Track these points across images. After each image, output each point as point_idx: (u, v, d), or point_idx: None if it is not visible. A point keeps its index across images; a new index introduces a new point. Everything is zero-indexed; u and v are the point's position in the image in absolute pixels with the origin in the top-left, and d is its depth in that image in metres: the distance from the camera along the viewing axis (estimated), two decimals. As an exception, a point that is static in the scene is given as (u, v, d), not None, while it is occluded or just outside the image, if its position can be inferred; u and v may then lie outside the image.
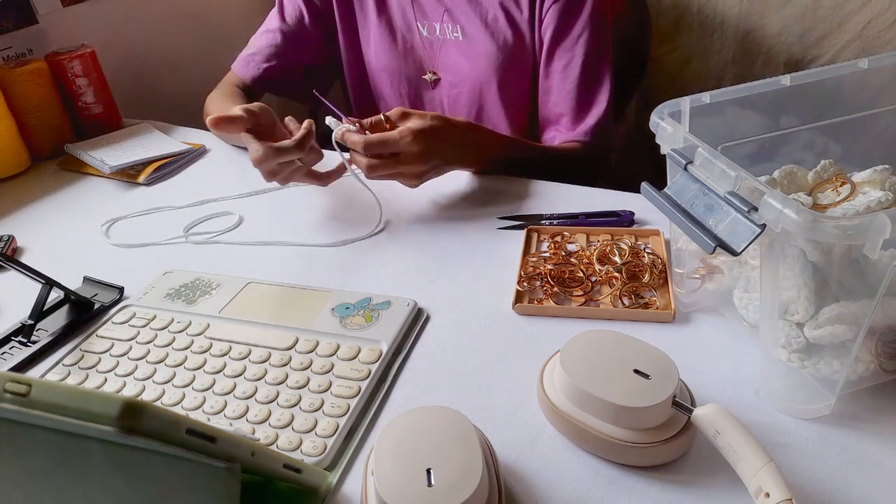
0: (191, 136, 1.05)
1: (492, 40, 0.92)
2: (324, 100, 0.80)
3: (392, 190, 0.86)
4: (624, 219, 0.74)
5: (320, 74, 1.06)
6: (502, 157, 0.85)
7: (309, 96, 0.78)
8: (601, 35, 0.90)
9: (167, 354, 0.59)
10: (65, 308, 0.65)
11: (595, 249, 0.69)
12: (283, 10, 1.01)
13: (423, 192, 0.84)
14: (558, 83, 0.92)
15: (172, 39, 1.34)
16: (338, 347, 0.58)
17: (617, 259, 0.67)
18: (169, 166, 0.96)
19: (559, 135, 0.94)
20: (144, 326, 0.63)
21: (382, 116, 0.75)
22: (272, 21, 1.02)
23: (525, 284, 0.65)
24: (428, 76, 0.97)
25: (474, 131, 0.81)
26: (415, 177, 0.77)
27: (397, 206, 0.82)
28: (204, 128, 1.07)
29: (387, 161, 0.74)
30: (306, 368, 0.56)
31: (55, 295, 0.65)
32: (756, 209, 0.44)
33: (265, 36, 1.01)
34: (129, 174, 0.93)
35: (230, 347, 0.59)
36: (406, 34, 0.97)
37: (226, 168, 0.96)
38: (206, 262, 0.72)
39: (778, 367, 0.50)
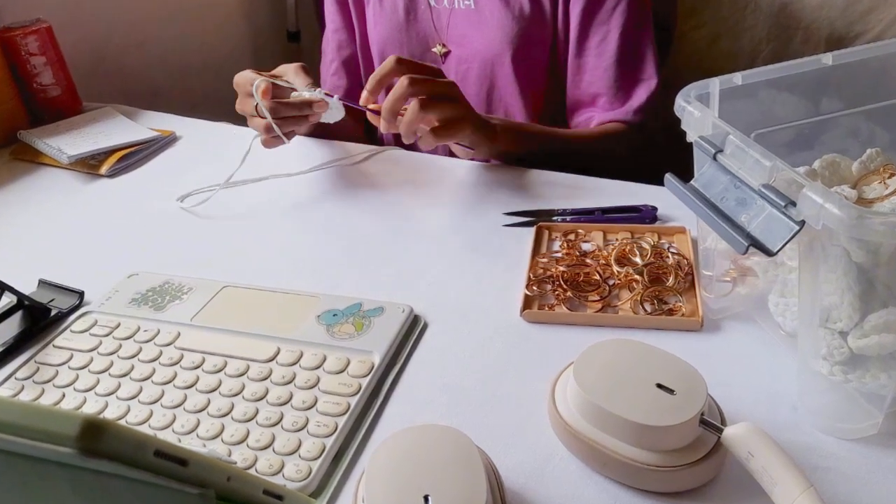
0: (159, 121, 1.05)
1: (506, 10, 0.92)
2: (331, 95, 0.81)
3: (383, 183, 0.86)
4: (645, 215, 0.74)
5: None
6: (524, 131, 0.86)
7: None
8: (640, 4, 0.90)
9: (133, 367, 0.59)
10: (17, 315, 0.65)
11: (613, 249, 0.69)
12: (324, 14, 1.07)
13: (421, 186, 0.84)
14: (593, 60, 0.92)
15: (138, 13, 1.34)
16: (324, 359, 0.58)
17: (637, 260, 0.67)
18: (134, 156, 0.95)
19: (596, 115, 0.94)
20: (107, 335, 0.63)
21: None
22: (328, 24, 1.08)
23: (534, 288, 0.65)
24: (437, 49, 0.98)
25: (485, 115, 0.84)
26: (459, 99, 0.77)
27: (391, 200, 0.82)
28: (175, 112, 1.07)
29: (433, 101, 0.74)
30: (289, 383, 0.56)
31: (6, 300, 0.65)
32: (794, 204, 0.44)
33: (331, 40, 1.08)
34: (89, 164, 0.93)
35: (203, 359, 0.59)
36: (409, 3, 0.97)
37: (199, 158, 0.96)
38: (176, 264, 0.72)
39: (818, 380, 0.50)
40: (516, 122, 0.88)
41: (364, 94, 0.77)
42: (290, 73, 0.82)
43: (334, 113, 0.80)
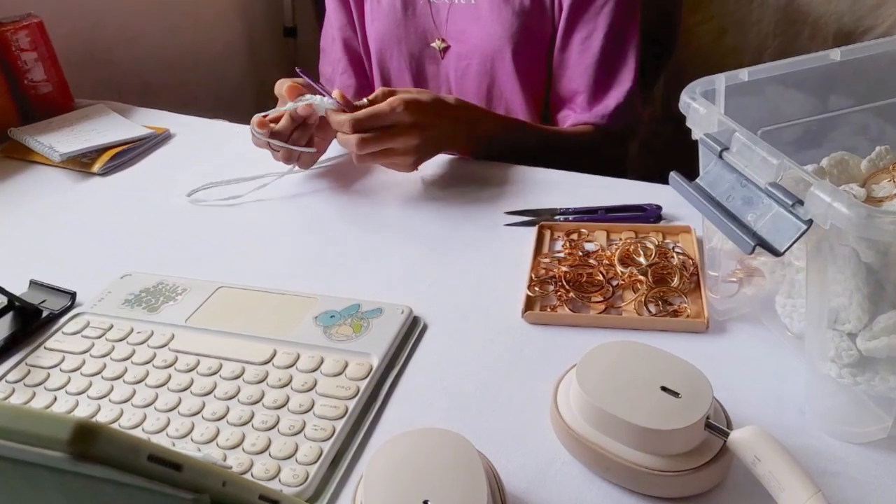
0: (152, 118, 1.05)
1: (506, 4, 0.92)
2: (307, 77, 0.81)
3: (382, 181, 0.86)
4: (650, 214, 0.74)
5: None
6: (498, 139, 0.88)
7: None
8: (629, 5, 0.91)
9: (126, 369, 0.59)
10: (8, 316, 0.65)
11: (617, 249, 0.69)
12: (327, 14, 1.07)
13: (419, 183, 0.84)
14: (576, 57, 0.93)
15: (130, 7, 1.34)
16: (321, 361, 0.58)
17: (642, 260, 0.67)
18: (128, 154, 0.96)
19: (572, 115, 0.95)
20: (100, 337, 0.63)
21: (366, 100, 0.78)
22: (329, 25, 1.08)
23: (536, 289, 0.65)
24: (437, 44, 0.98)
25: (465, 108, 0.85)
26: (410, 152, 0.78)
27: (390, 198, 0.82)
28: (169, 109, 1.07)
29: (379, 135, 0.76)
30: (285, 385, 0.56)
31: (-3, 301, 0.65)
32: (801, 203, 0.44)
33: (337, 38, 1.07)
34: (82, 163, 0.93)
35: (198, 361, 0.59)
36: None
37: (194, 155, 0.96)
38: (170, 264, 0.72)
39: (826, 383, 0.50)
40: (495, 114, 0.90)
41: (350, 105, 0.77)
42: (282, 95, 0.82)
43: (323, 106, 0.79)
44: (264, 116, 0.79)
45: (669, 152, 0.88)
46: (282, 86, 0.81)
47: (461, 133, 0.84)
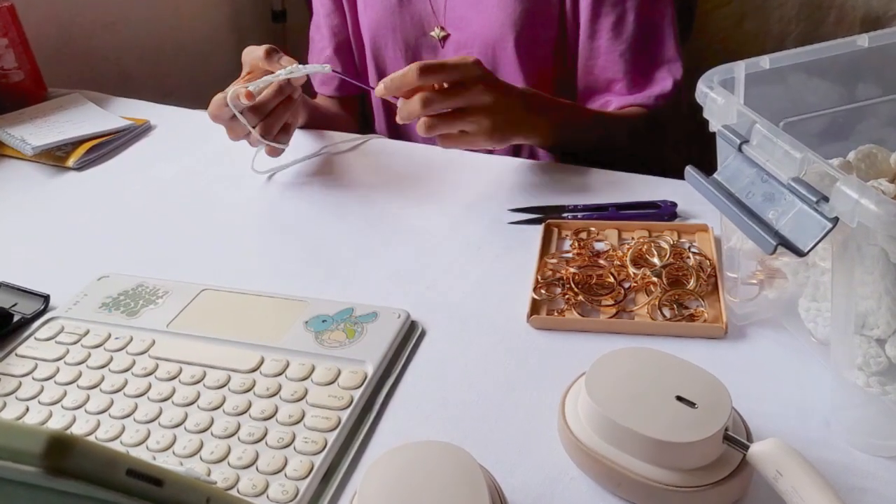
0: (131, 109, 1.05)
1: None
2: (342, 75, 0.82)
3: (379, 176, 0.86)
4: (664, 211, 0.74)
5: None
6: (570, 123, 0.87)
7: None
8: None
9: (103, 378, 0.59)
10: (-23, 321, 0.66)
11: (629, 249, 0.69)
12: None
13: (418, 179, 0.84)
14: (608, 43, 0.92)
15: (109, -10, 1.34)
16: (312, 369, 0.58)
17: (655, 260, 0.67)
18: (105, 146, 0.96)
19: (613, 100, 0.94)
20: (75, 343, 0.63)
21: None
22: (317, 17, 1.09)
23: (543, 292, 0.65)
24: (435, 32, 0.98)
25: (529, 91, 0.84)
26: (486, 112, 0.74)
27: (385, 194, 0.82)
28: (149, 99, 1.07)
29: (447, 91, 0.73)
30: (274, 395, 0.56)
31: (-35, 305, 0.65)
32: (827, 199, 0.44)
33: (323, 25, 1.08)
34: (55, 156, 0.93)
35: (180, 369, 0.59)
36: None
37: (175, 148, 0.96)
38: (150, 265, 0.73)
39: (853, 393, 0.50)
40: (555, 98, 0.89)
41: (379, 87, 0.74)
42: (259, 65, 0.80)
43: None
44: (245, 86, 0.76)
45: (685, 145, 0.88)
46: (251, 53, 0.80)
47: (537, 115, 0.82)
